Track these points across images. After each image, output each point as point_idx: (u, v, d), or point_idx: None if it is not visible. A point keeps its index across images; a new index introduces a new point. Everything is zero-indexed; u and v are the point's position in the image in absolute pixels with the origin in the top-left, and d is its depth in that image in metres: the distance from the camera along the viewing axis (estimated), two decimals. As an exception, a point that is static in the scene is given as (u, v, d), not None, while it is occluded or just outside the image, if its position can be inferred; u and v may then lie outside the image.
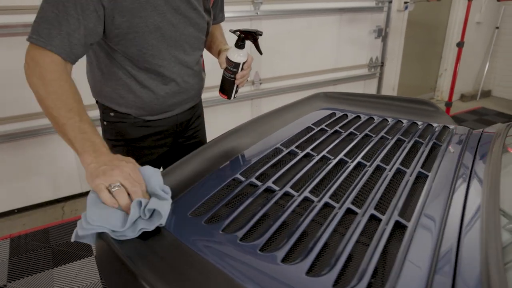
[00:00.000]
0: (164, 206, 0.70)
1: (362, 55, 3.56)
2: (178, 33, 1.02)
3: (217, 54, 1.23)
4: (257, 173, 0.90)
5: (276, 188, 0.84)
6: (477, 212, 0.70)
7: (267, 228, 0.71)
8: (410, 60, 4.09)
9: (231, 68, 1.11)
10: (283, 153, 1.01)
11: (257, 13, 2.80)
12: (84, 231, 0.66)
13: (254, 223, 0.72)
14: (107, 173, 0.69)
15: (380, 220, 0.72)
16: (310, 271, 0.61)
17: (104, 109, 1.11)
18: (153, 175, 0.75)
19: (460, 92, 4.66)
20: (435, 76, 4.59)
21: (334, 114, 1.33)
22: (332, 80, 3.42)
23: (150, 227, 0.68)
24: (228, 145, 1.06)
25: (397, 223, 0.70)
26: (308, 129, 1.19)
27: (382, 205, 0.76)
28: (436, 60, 4.50)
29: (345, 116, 1.32)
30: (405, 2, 3.55)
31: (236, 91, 1.18)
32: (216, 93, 1.24)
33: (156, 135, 1.16)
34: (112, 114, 1.10)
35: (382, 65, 3.66)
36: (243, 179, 0.89)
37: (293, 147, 1.04)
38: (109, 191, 0.68)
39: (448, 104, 3.70)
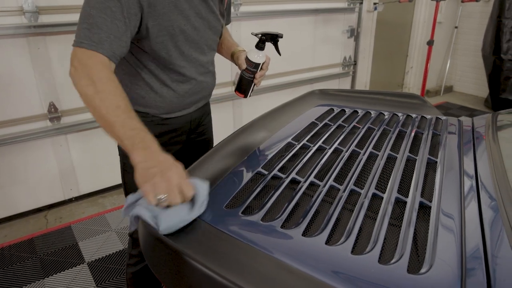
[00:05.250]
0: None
1: (336, 54, 3.69)
2: (199, 36, 1.07)
3: (230, 56, 1.28)
4: (278, 166, 0.94)
5: (301, 179, 0.89)
6: (490, 188, 0.79)
7: (304, 216, 0.75)
8: (380, 59, 4.27)
9: (251, 69, 1.17)
10: (297, 147, 1.06)
11: (237, 14, 2.83)
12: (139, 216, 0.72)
13: (290, 211, 0.76)
14: (156, 181, 0.71)
15: (405, 202, 0.78)
16: (353, 250, 0.66)
17: None
18: (201, 188, 0.77)
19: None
20: (402, 74, 4.83)
21: (332, 110, 1.40)
22: (308, 79, 3.51)
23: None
24: (243, 142, 1.10)
25: (421, 204, 0.77)
26: (313, 124, 1.25)
27: (403, 189, 0.83)
28: (403, 58, 4.73)
29: (343, 111, 1.39)
30: (375, 3, 3.71)
31: (252, 90, 1.24)
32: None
33: (172, 133, 1.19)
34: None
35: (355, 63, 3.81)
36: (266, 172, 0.93)
37: (304, 141, 1.09)
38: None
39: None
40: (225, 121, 3.15)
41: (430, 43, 3.63)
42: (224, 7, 1.17)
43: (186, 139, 1.26)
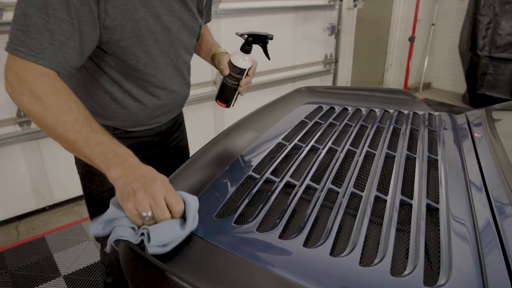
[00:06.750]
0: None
1: (318, 52, 3.65)
2: (173, 38, 0.92)
3: (210, 58, 1.13)
4: (270, 169, 0.87)
5: (296, 182, 0.82)
6: (498, 184, 0.74)
7: (303, 224, 0.68)
8: (360, 56, 4.27)
9: (235, 75, 1.02)
10: (288, 148, 0.99)
11: (216, 12, 2.75)
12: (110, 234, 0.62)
13: (287, 219, 0.69)
14: (139, 197, 0.61)
15: (410, 205, 0.72)
16: (362, 261, 0.59)
17: None
18: (191, 201, 0.66)
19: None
20: (382, 71, 4.85)
21: (321, 107, 1.34)
22: (290, 78, 3.46)
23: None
24: (230, 143, 1.02)
25: (428, 206, 0.71)
26: (303, 123, 1.18)
27: (406, 191, 0.77)
28: (382, 55, 4.75)
29: (333, 108, 1.33)
30: (354, 0, 3.69)
31: (236, 99, 1.10)
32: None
33: (138, 146, 1.04)
34: None
35: (336, 61, 3.78)
36: (257, 176, 0.85)
37: (295, 141, 1.03)
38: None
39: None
40: (205, 123, 3.05)
41: (411, 39, 3.64)
42: (203, 4, 1.02)
43: (157, 152, 1.11)
